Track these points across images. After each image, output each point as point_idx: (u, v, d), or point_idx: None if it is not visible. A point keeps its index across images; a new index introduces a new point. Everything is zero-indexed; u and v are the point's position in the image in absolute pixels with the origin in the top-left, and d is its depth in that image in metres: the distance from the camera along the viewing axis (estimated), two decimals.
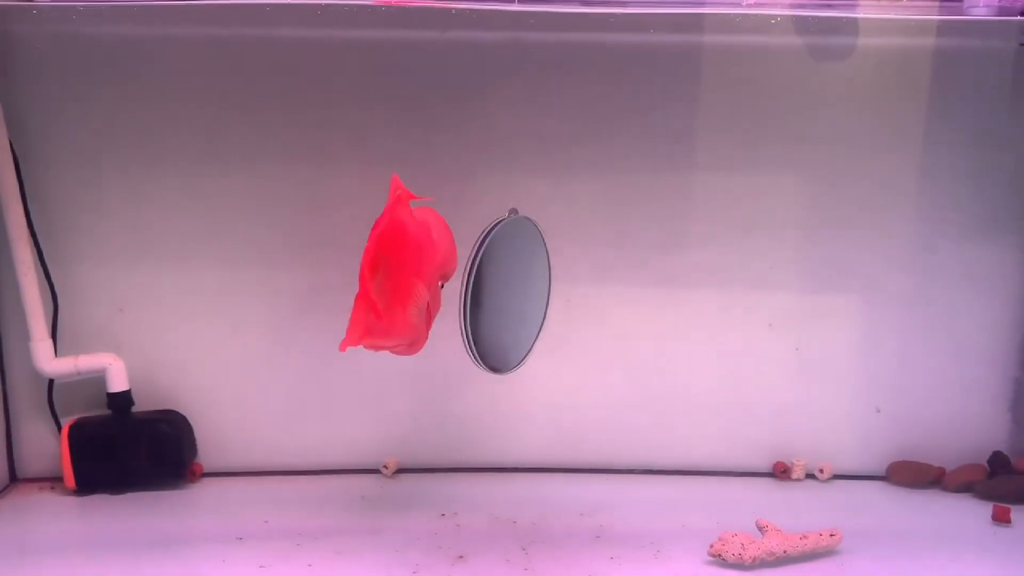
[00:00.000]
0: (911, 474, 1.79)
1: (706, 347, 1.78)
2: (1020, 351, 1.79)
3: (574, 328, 1.75)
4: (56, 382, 1.72)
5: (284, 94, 1.65)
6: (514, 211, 1.50)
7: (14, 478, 1.76)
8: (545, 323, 1.59)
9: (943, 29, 1.66)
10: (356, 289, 1.36)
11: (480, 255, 1.43)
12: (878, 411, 1.80)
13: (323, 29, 1.63)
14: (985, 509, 1.67)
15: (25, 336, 1.67)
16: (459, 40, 1.64)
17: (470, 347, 1.46)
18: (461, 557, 1.47)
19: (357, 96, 1.66)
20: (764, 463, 1.83)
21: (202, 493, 1.73)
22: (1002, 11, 1.51)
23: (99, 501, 1.68)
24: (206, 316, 1.73)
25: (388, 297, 1.32)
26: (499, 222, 1.46)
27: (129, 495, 1.69)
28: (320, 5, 1.58)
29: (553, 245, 1.58)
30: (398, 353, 1.41)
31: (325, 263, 1.69)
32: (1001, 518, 1.63)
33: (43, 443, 1.75)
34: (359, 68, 1.65)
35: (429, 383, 1.77)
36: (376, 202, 1.39)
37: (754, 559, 1.43)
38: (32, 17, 1.60)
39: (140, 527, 1.57)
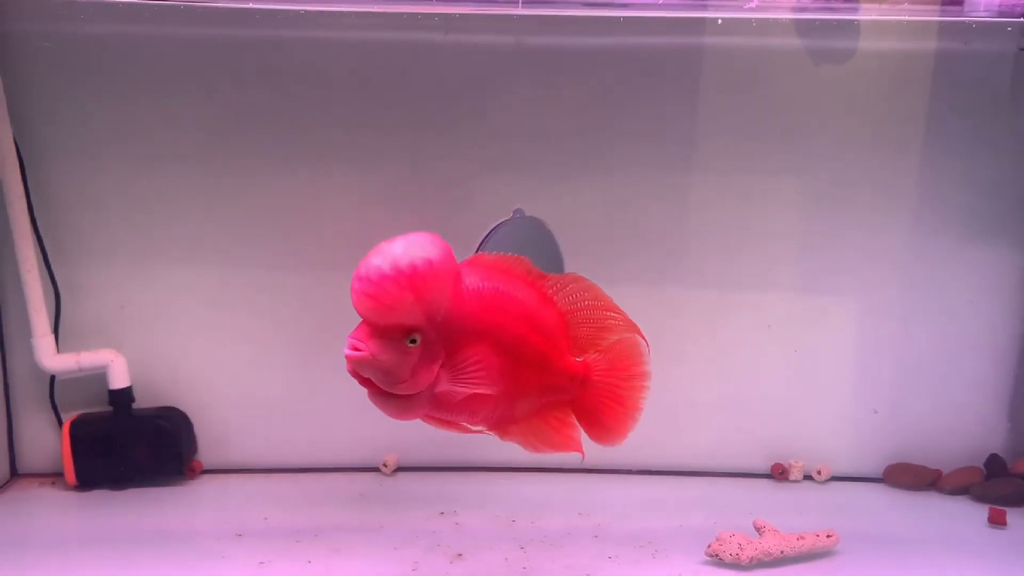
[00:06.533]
0: (908, 476, 1.80)
1: (705, 347, 1.78)
2: (1017, 355, 1.79)
3: None
4: (57, 378, 1.73)
5: (285, 95, 1.66)
6: (519, 211, 1.49)
7: (15, 473, 1.77)
8: None
9: (942, 34, 1.66)
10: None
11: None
12: (876, 412, 1.81)
13: (323, 30, 1.63)
14: (981, 512, 1.67)
15: (27, 332, 1.67)
16: (461, 43, 1.64)
17: None
18: (460, 555, 1.48)
19: (358, 98, 1.66)
20: (762, 464, 1.83)
21: (202, 490, 1.73)
22: (1002, 13, 1.51)
23: (99, 497, 1.68)
24: (207, 314, 1.73)
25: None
26: (502, 223, 1.46)
27: (129, 491, 1.70)
28: (326, 11, 1.59)
29: None
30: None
31: (325, 262, 1.69)
32: (997, 520, 1.63)
33: (44, 439, 1.75)
34: (360, 70, 1.65)
35: None
36: (374, 203, 1.37)
37: (751, 559, 1.44)
38: (37, 14, 1.60)
39: (140, 523, 1.57)
